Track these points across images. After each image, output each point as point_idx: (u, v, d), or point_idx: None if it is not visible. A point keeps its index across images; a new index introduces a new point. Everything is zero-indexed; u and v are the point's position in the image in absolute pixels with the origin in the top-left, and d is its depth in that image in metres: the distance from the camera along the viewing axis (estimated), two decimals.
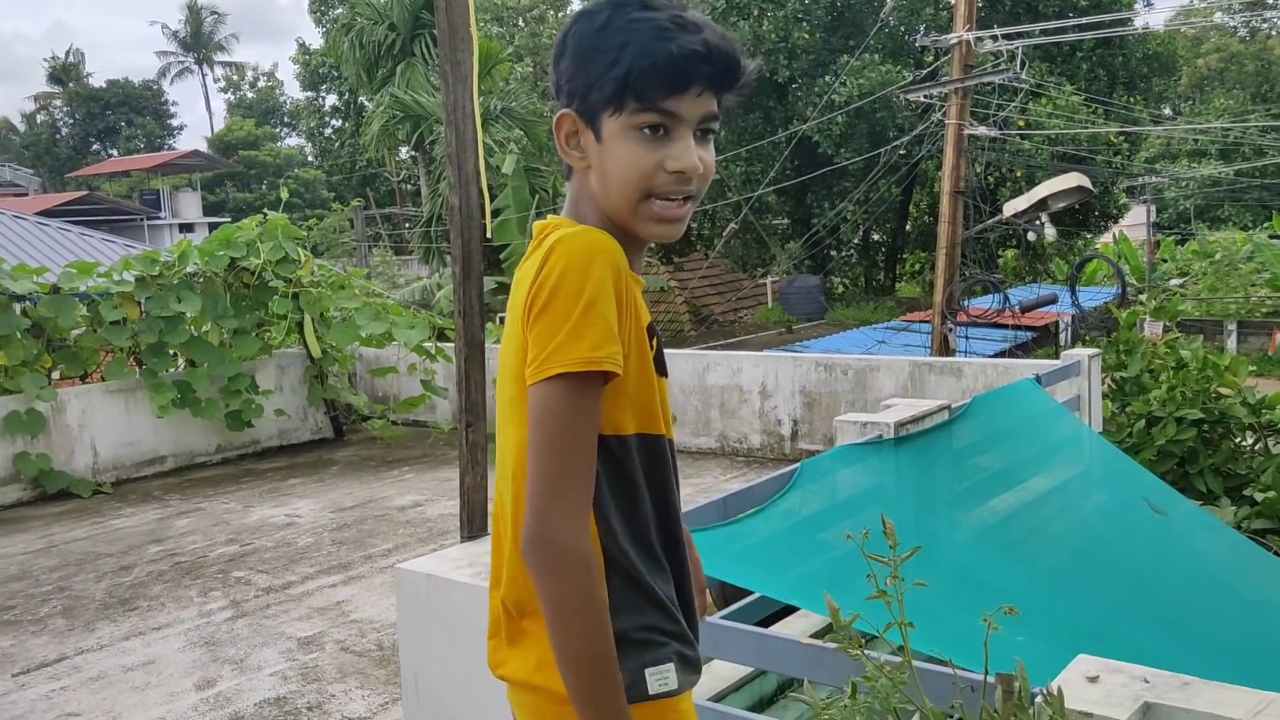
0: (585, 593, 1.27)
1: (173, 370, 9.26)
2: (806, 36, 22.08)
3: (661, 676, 1.37)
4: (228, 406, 9.40)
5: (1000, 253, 24.09)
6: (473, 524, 3.50)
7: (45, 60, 53.97)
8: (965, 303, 12.39)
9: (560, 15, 40.23)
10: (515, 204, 20.02)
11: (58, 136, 50.96)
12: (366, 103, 30.53)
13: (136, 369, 9.15)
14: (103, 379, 9.07)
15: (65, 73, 51.96)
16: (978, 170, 20.41)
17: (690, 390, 8.92)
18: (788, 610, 4.48)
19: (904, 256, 28.26)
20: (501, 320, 19.92)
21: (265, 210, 9.67)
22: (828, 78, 21.42)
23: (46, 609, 6.03)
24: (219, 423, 9.49)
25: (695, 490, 7.91)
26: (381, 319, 9.35)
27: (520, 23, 39.56)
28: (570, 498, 1.29)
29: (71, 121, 51.05)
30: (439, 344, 9.64)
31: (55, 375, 8.99)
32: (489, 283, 20.62)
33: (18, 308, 8.49)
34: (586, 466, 1.31)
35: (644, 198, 1.39)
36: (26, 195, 38.37)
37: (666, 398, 1.54)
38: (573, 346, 1.28)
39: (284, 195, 10.25)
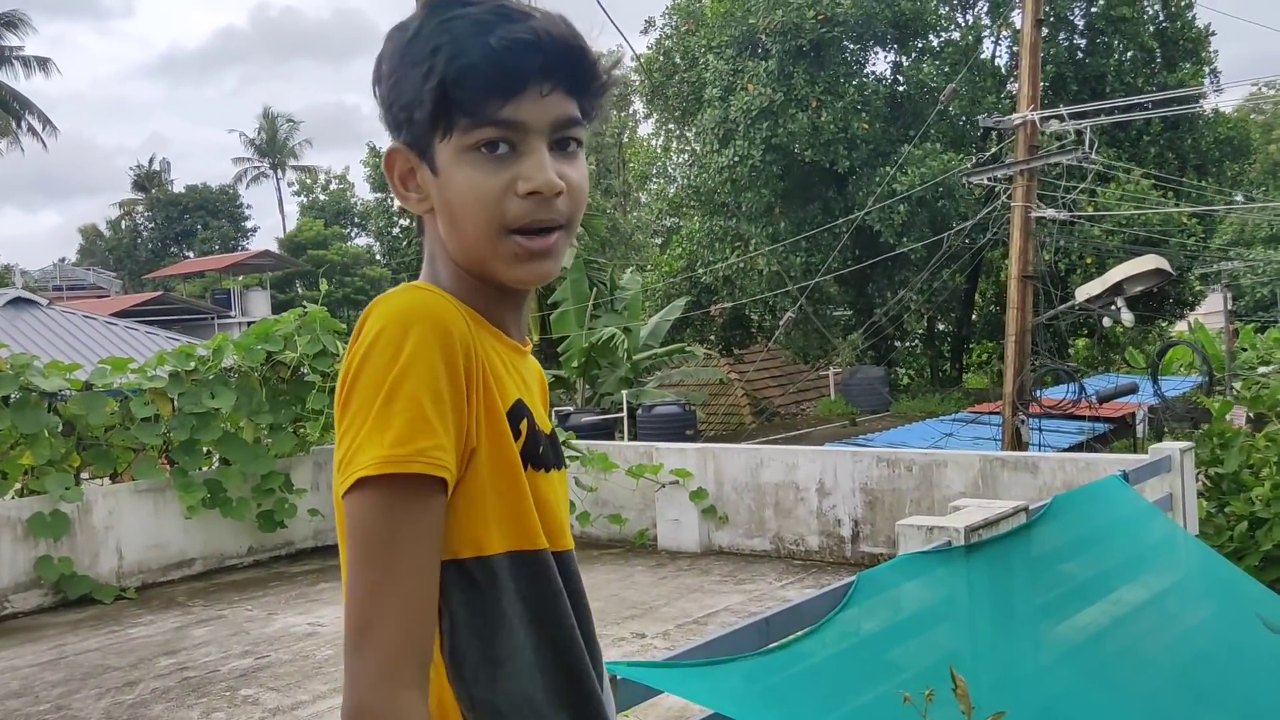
0: None
1: (205, 469, 8.95)
2: (866, 127, 21.84)
3: None
4: (260, 506, 9.04)
5: (1071, 341, 23.28)
6: None
7: (131, 169, 56.13)
8: (1038, 393, 11.70)
9: (623, 115, 40.85)
10: (573, 297, 19.85)
11: (139, 240, 52.64)
12: None
13: (167, 468, 8.86)
14: (132, 478, 8.78)
15: (149, 180, 53.92)
16: (1047, 256, 19.82)
17: (743, 488, 8.35)
18: None
19: (970, 346, 27.52)
20: (553, 410, 19.60)
21: (304, 304, 9.44)
22: (888, 167, 21.10)
23: None
24: (250, 523, 9.12)
25: (748, 598, 7.31)
26: None
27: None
28: (380, 649, 0.97)
29: (152, 226, 52.75)
30: None
31: (85, 475, 8.73)
32: (545, 375, 20.37)
33: (48, 405, 8.27)
34: (408, 605, 0.99)
35: (500, 234, 1.11)
36: (107, 296, 39.49)
37: (560, 496, 1.20)
38: (373, 444, 0.99)
39: (323, 287, 10.06)
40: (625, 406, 18.40)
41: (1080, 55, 22.56)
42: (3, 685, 6.40)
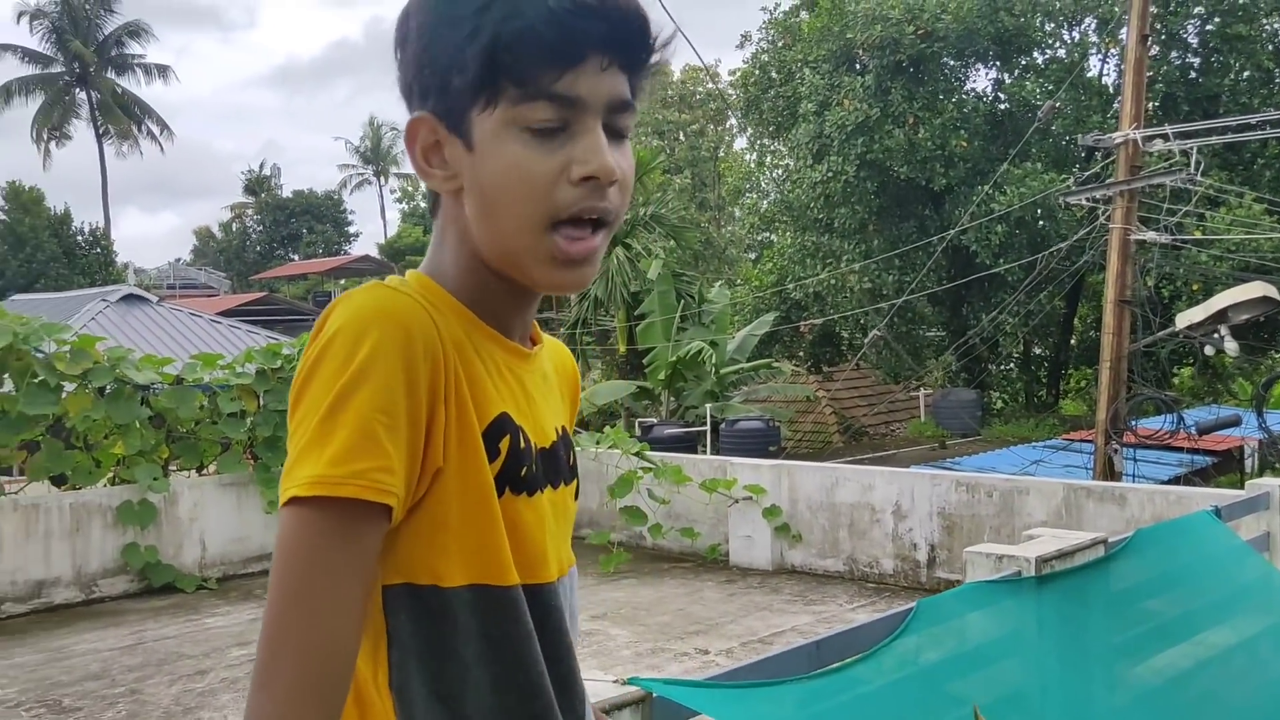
0: None
1: None
2: (964, 144, 21.40)
3: None
4: None
5: (1175, 370, 22.42)
6: None
7: (243, 173, 58.13)
8: (1134, 422, 11.27)
9: (720, 129, 40.85)
10: (661, 309, 19.85)
11: (247, 242, 54.37)
12: None
13: (251, 463, 9.07)
14: (217, 472, 9.01)
15: (259, 184, 55.71)
16: (1149, 281, 19.12)
17: (817, 506, 8.20)
18: None
19: (1069, 372, 26.72)
20: (637, 422, 19.58)
21: None
22: (986, 187, 20.64)
23: (111, 714, 5.75)
24: None
25: (816, 619, 7.16)
26: None
27: (681, 136, 40.25)
28: (280, 689, 0.86)
29: (260, 229, 54.45)
30: None
31: (173, 467, 8.99)
32: (629, 386, 20.39)
33: (141, 397, 8.55)
34: (317, 642, 0.87)
35: (545, 228, 0.96)
36: (216, 295, 40.93)
37: (547, 521, 1.06)
38: (310, 459, 0.88)
39: None
40: (709, 420, 18.31)
41: (1193, 74, 21.78)
42: (84, 667, 6.61)
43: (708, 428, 18.22)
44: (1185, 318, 10.58)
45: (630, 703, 2.74)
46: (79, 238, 30.24)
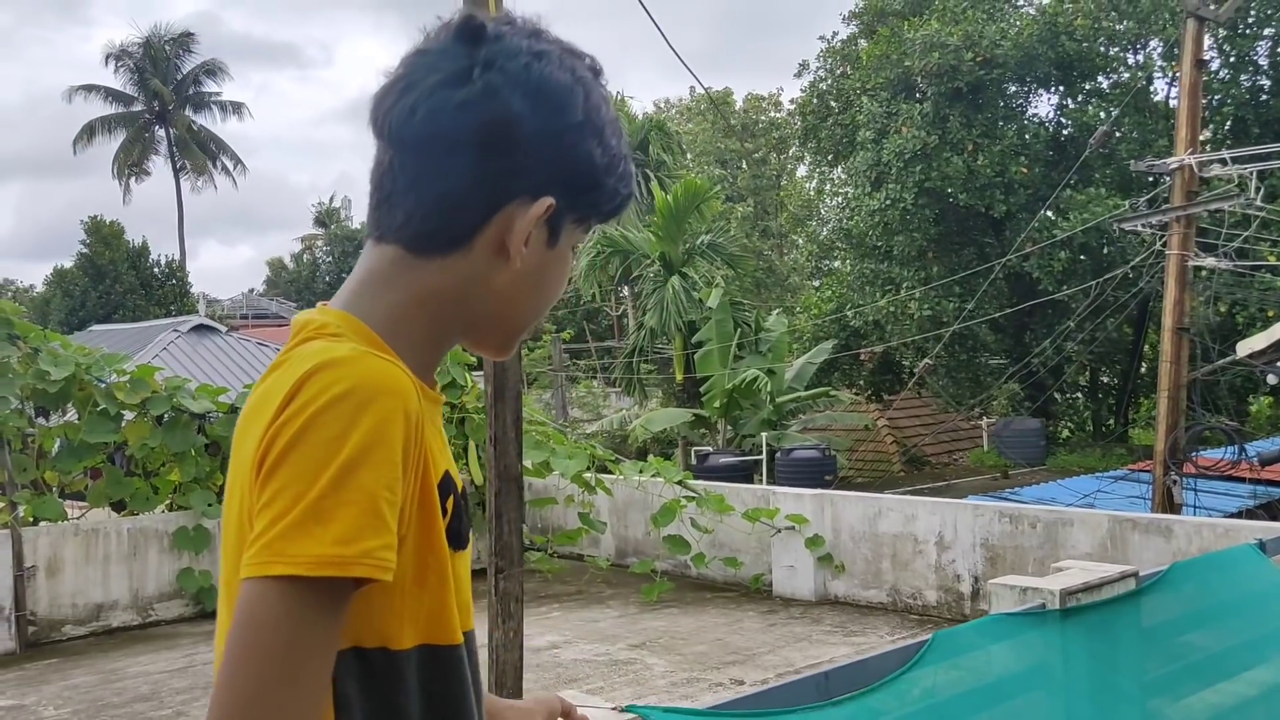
0: None
1: None
2: (1024, 171, 21.15)
3: None
4: None
5: (1252, 399, 21.78)
6: (503, 686, 3.00)
7: (313, 205, 59.50)
8: (1196, 453, 10.99)
9: (782, 158, 40.84)
10: (718, 337, 19.86)
11: (317, 273, 55.59)
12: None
13: None
14: None
15: (328, 216, 56.98)
16: (1220, 308, 18.61)
17: (860, 537, 8.13)
18: None
19: (1138, 400, 26.09)
20: (693, 450, 19.55)
21: None
22: (1049, 213, 20.34)
23: None
24: None
25: (856, 650, 7.09)
26: (542, 447, 9.12)
27: (744, 165, 40.34)
28: None
29: (329, 259, 55.63)
30: (599, 476, 9.30)
31: None
32: (685, 414, 20.39)
33: (197, 426, 8.80)
34: (298, 712, 0.84)
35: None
36: (286, 325, 41.85)
37: (467, 576, 1.06)
38: (311, 535, 0.83)
39: None
40: (765, 449, 18.23)
41: (1264, 97, 21.28)
42: (135, 689, 6.80)
43: (764, 456, 18.14)
44: (1247, 345, 10.32)
45: None
46: (155, 270, 31.20)
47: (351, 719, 0.93)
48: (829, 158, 25.36)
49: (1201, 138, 20.38)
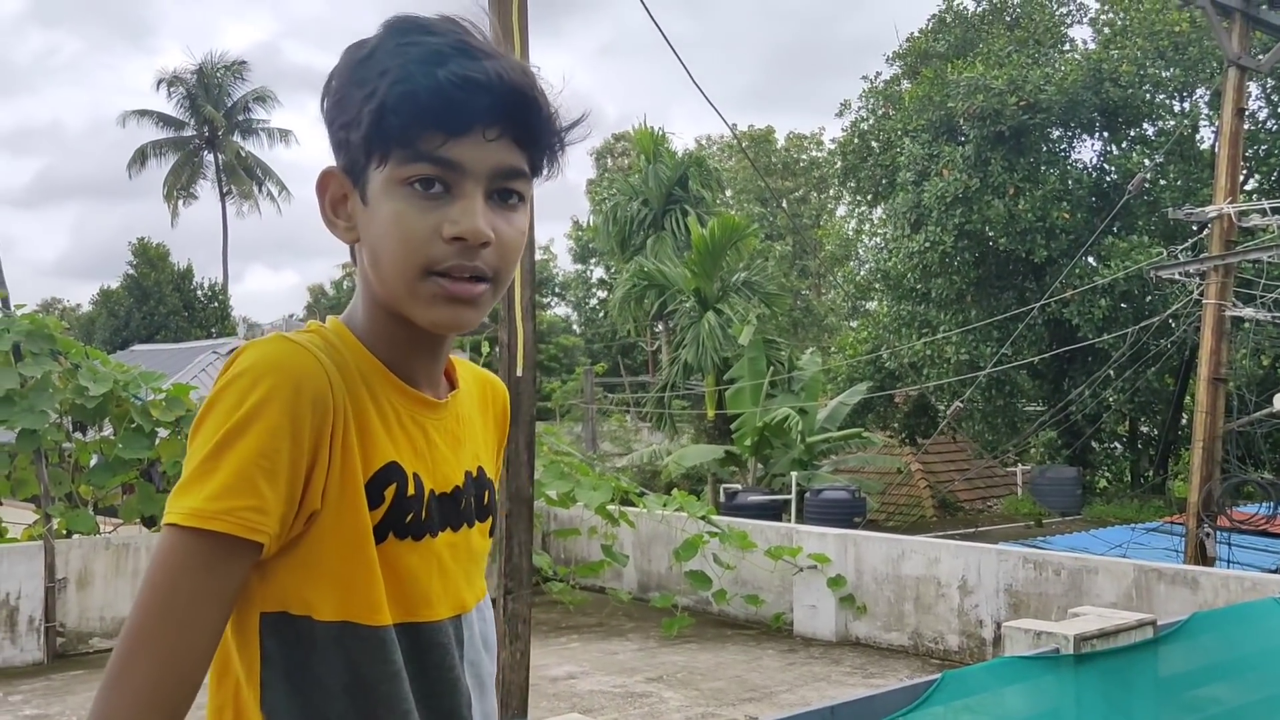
0: None
1: None
2: (1066, 216, 21.01)
3: None
4: None
5: None
6: (508, 707, 3.03)
7: None
8: (1232, 507, 10.81)
9: (823, 197, 40.93)
10: (749, 374, 19.83)
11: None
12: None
13: None
14: None
15: None
16: (1265, 362, 18.33)
17: (883, 579, 8.07)
18: None
19: (1179, 452, 25.68)
20: (722, 488, 19.47)
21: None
22: (1091, 259, 20.16)
23: None
24: None
25: (874, 692, 7.02)
26: (566, 478, 9.16)
27: (783, 203, 40.44)
28: (128, 697, 0.94)
29: None
30: (623, 509, 9.31)
31: None
32: (716, 451, 20.34)
33: None
34: (168, 660, 0.96)
35: (422, 275, 1.06)
36: None
37: (430, 567, 1.12)
38: (190, 492, 0.97)
39: (485, 350, 10.43)
40: (794, 489, 18.13)
41: None
42: None
43: (793, 496, 18.05)
44: None
45: None
46: (199, 292, 31.73)
47: (274, 675, 1.04)
48: (869, 198, 25.38)
49: (1248, 187, 20.19)
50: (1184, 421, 24.55)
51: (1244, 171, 18.96)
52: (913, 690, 3.73)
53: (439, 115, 1.02)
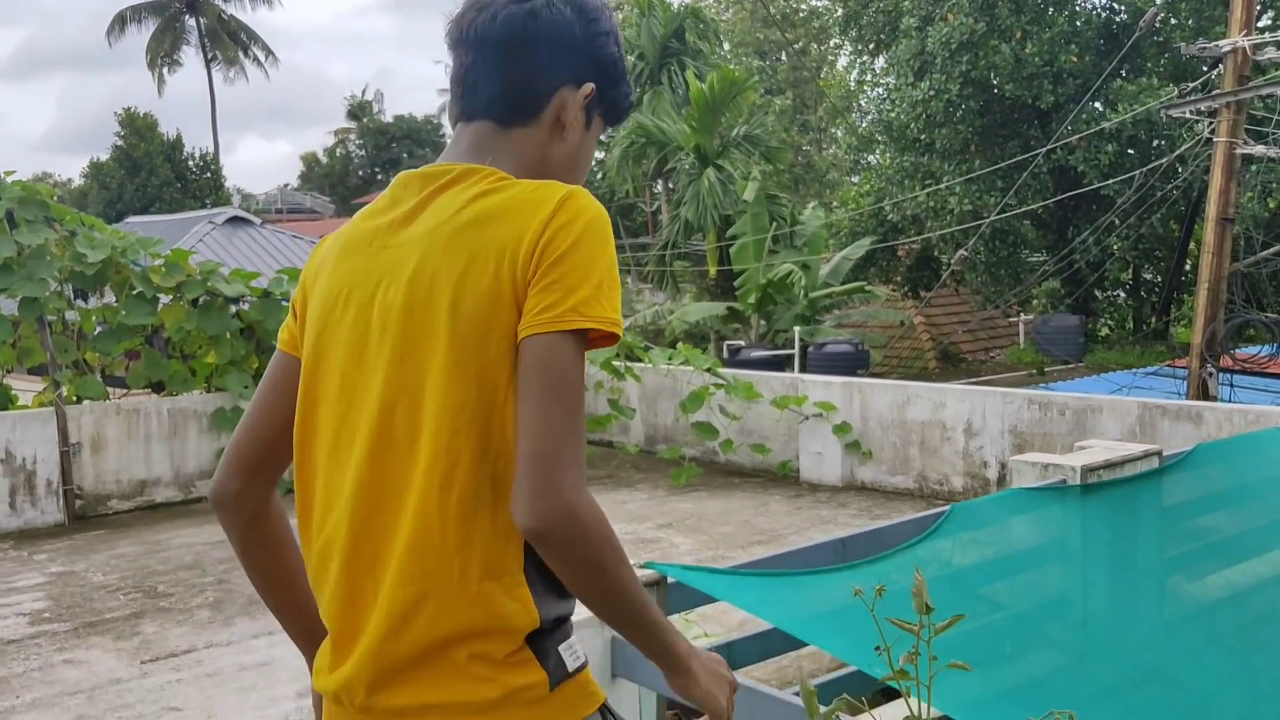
0: (620, 550, 1.22)
1: None
2: (1074, 59, 20.44)
3: (573, 651, 1.29)
4: None
5: None
6: None
7: (345, 98, 59.00)
8: (1234, 348, 10.84)
9: (823, 49, 39.78)
10: (752, 230, 19.67)
11: (350, 166, 55.39)
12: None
13: None
14: None
15: (361, 109, 56.46)
16: (1271, 202, 18.11)
17: (888, 424, 8.15)
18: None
19: (1182, 297, 25.66)
20: (725, 344, 19.55)
21: None
22: (1098, 104, 19.72)
23: (199, 600, 6.13)
24: None
25: (884, 524, 7.17)
26: None
27: (783, 56, 39.33)
28: (576, 467, 1.19)
29: (362, 153, 55.35)
30: (629, 364, 9.34)
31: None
32: (719, 308, 20.34)
33: (233, 310, 8.91)
34: (584, 435, 1.23)
35: None
36: (320, 219, 41.92)
37: None
38: (601, 305, 1.20)
39: None
40: (797, 343, 18.20)
41: None
42: (178, 558, 7.05)
43: (796, 351, 18.13)
44: None
45: (645, 584, 2.82)
46: (190, 163, 31.23)
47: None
48: (870, 46, 24.66)
49: (1260, 24, 19.59)
50: (1188, 267, 24.45)
51: (1258, 8, 18.34)
52: (921, 522, 3.78)
53: (624, 117, 1.54)
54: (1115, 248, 20.68)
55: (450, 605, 1.20)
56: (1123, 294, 25.54)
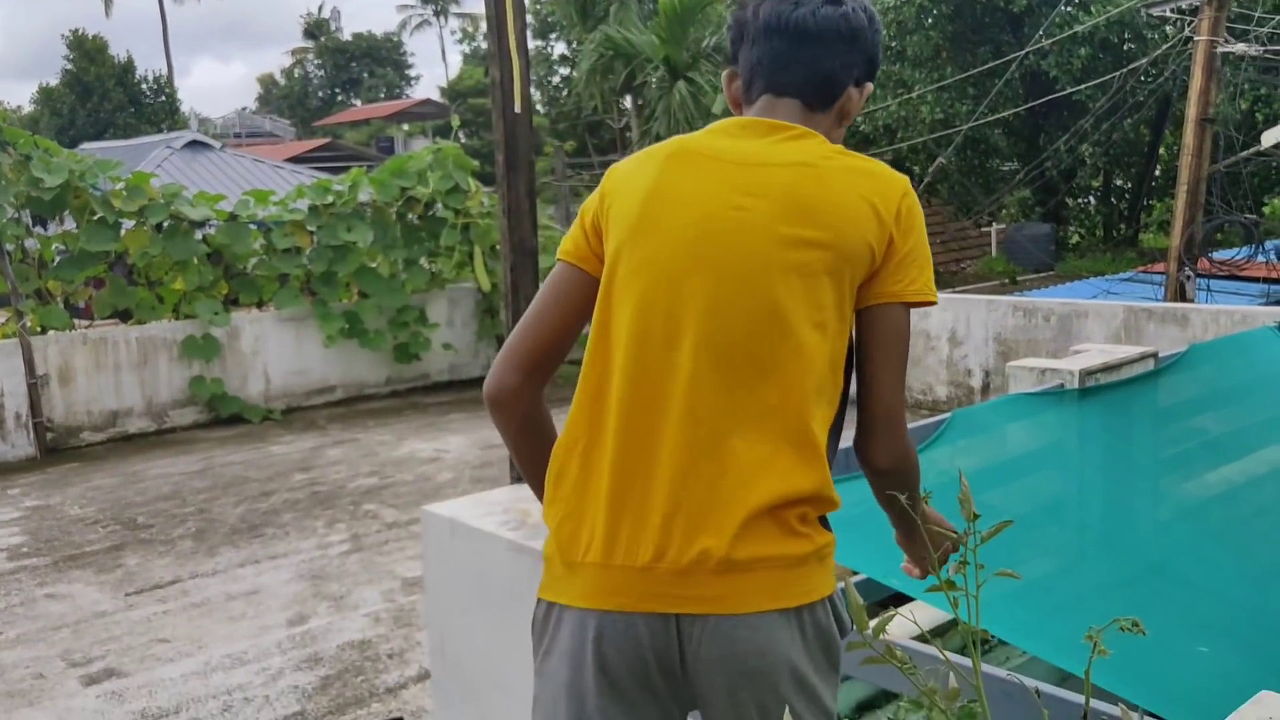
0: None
1: (344, 301, 9.25)
2: None
3: None
4: (395, 339, 9.33)
5: (1266, 200, 21.41)
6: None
7: (301, 17, 57.31)
8: (1212, 253, 10.83)
9: None
10: None
11: (309, 88, 54.06)
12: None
13: (309, 298, 9.19)
14: (276, 308, 9.16)
15: (317, 28, 54.93)
16: (1242, 104, 18.00)
17: None
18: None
19: (1151, 204, 25.69)
20: None
21: (438, 142, 9.48)
22: (1071, 7, 19.41)
23: (180, 530, 6.02)
24: (387, 354, 9.45)
25: None
26: (550, 252, 8.97)
27: None
28: (905, 420, 1.49)
29: (321, 74, 54.00)
30: None
31: (235, 303, 9.16)
32: None
33: (199, 235, 8.65)
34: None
35: None
36: (281, 143, 40.97)
37: None
38: (931, 282, 1.47)
39: (455, 123, 10.04)
40: None
41: None
42: (157, 488, 6.92)
43: None
44: (1271, 136, 9.98)
45: None
46: (144, 86, 30.30)
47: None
48: None
49: None
50: (1157, 172, 24.41)
51: None
52: (923, 430, 3.71)
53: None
54: (1086, 155, 20.59)
55: (793, 475, 1.40)
56: (1093, 201, 25.54)
